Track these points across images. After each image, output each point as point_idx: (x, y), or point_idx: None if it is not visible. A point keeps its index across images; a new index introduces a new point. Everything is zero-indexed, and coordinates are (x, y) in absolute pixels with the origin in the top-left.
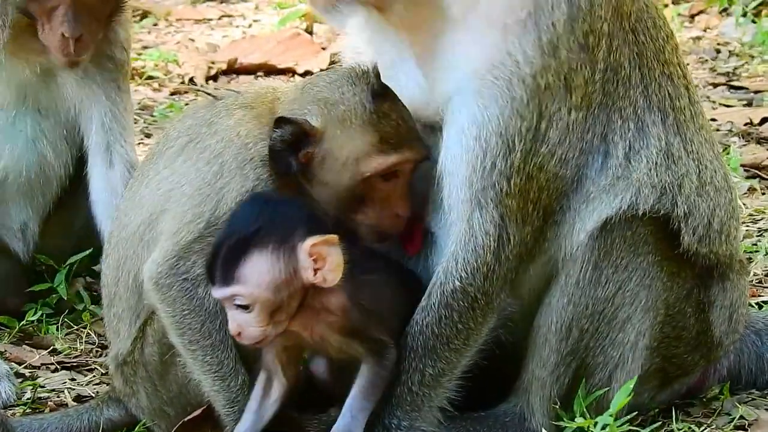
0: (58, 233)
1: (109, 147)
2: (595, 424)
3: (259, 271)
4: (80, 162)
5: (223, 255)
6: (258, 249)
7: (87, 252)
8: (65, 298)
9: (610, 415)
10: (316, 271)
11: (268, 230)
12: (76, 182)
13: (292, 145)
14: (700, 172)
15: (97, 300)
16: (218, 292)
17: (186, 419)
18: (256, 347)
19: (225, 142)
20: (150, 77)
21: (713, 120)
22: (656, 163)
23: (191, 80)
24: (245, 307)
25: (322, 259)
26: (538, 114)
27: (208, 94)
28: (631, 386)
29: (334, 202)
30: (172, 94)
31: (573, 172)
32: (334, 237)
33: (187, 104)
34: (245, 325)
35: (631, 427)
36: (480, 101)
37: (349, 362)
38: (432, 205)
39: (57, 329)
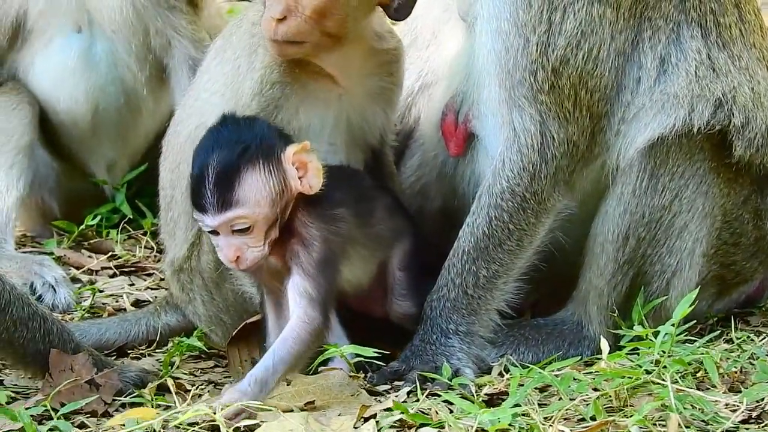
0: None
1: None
2: (656, 333)
3: (256, 188)
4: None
5: (212, 182)
6: (249, 168)
7: (142, 167)
8: (130, 217)
9: (672, 325)
10: (300, 179)
11: (253, 148)
12: None
13: None
14: (753, 86)
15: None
16: (215, 220)
17: (247, 322)
18: (249, 272)
19: (239, 35)
20: None
21: None
22: (698, 76)
23: None
24: (244, 230)
25: (303, 167)
26: (548, 3)
27: None
28: (694, 296)
29: None
30: None
31: (612, 74)
32: (307, 143)
33: None
34: (244, 249)
35: (689, 336)
36: None
37: None
38: (476, 108)
39: (116, 234)
